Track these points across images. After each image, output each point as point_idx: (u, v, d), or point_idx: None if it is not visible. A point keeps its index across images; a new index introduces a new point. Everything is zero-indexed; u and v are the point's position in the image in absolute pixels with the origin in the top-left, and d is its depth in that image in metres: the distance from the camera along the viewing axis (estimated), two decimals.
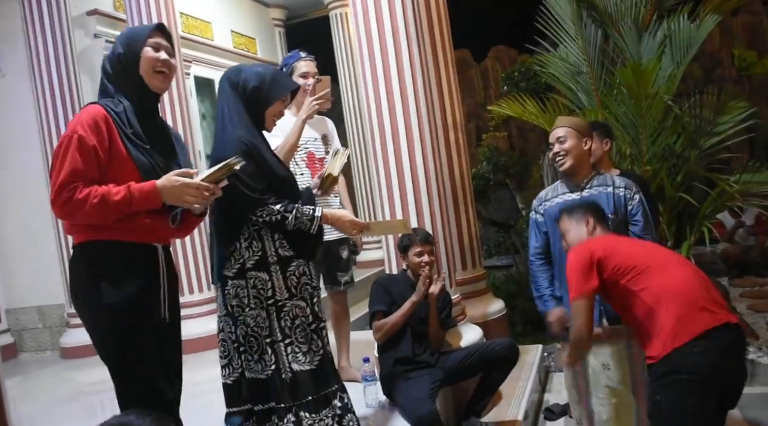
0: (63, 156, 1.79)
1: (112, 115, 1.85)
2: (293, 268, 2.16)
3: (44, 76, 4.80)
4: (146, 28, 1.98)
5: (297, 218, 2.13)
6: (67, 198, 1.75)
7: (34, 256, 5.04)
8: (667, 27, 4.13)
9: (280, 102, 2.26)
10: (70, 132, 1.80)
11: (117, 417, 1.33)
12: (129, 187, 1.80)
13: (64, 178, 1.76)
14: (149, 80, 1.93)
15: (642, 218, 2.68)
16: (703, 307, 2.12)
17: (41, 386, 4.15)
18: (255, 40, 7.21)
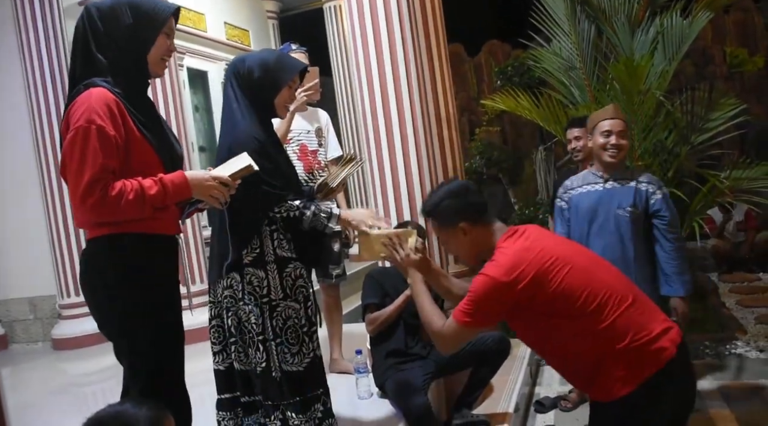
0: (83, 149, 1.63)
1: (118, 96, 1.72)
2: (290, 269, 2.14)
3: (35, 66, 4.77)
4: (166, 11, 1.81)
5: (315, 215, 2.10)
6: (99, 197, 1.62)
7: (26, 247, 5.02)
8: (660, 23, 4.15)
9: (288, 88, 2.18)
10: (86, 122, 1.64)
11: (112, 406, 1.32)
12: (162, 180, 1.71)
13: (92, 176, 1.62)
14: (153, 67, 1.83)
15: (667, 213, 2.76)
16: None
17: (32, 377, 4.15)
18: (248, 32, 7.18)
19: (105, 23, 1.76)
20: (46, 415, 3.21)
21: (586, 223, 2.83)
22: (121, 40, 1.76)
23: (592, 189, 2.86)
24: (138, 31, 1.77)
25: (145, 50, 1.79)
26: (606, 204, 2.80)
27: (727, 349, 4.54)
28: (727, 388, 3.86)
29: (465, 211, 1.89)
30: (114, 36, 1.76)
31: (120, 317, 1.76)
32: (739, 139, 7.49)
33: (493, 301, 1.75)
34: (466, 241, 1.90)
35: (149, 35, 1.79)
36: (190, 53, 6.15)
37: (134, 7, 1.77)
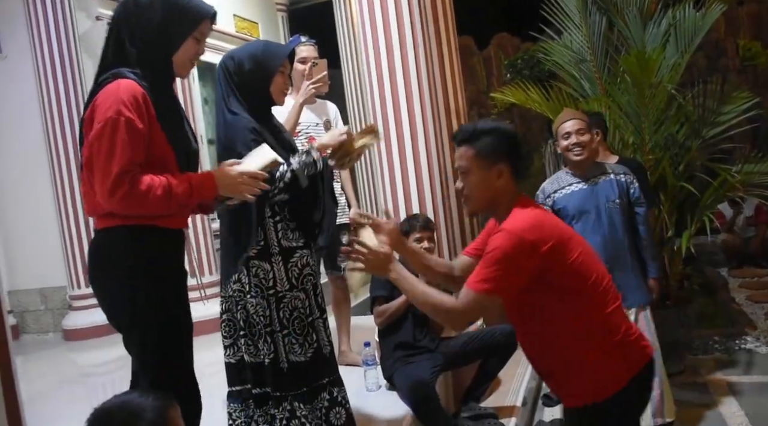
0: (111, 141, 1.63)
1: (145, 89, 1.71)
2: (296, 259, 2.15)
3: (46, 57, 4.79)
4: (199, 16, 1.78)
5: (300, 164, 2.08)
6: (127, 191, 1.62)
7: (37, 238, 5.06)
8: (672, 16, 4.11)
9: (280, 74, 2.19)
10: (115, 113, 1.63)
11: (118, 396, 1.33)
12: (190, 179, 1.72)
13: (121, 168, 1.62)
14: (178, 68, 1.81)
15: (645, 200, 2.95)
16: None
17: (43, 367, 4.19)
18: (257, 25, 7.17)
19: (138, 16, 1.75)
20: (56, 404, 3.24)
21: (579, 222, 2.90)
22: (149, 35, 1.75)
23: (576, 189, 2.93)
24: (166, 30, 1.75)
25: (170, 50, 1.78)
26: (594, 200, 2.88)
27: (736, 345, 4.51)
28: (737, 384, 3.84)
29: (513, 154, 1.75)
30: (144, 29, 1.75)
31: (130, 308, 1.76)
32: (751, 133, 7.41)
33: (516, 262, 1.60)
34: (493, 184, 1.73)
35: (177, 37, 1.77)
36: None
37: (169, 5, 1.75)
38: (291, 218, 2.15)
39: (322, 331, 2.22)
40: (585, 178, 2.93)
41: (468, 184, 1.77)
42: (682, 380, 3.95)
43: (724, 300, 5.69)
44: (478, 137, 1.74)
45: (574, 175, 2.96)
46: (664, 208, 3.98)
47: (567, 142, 2.90)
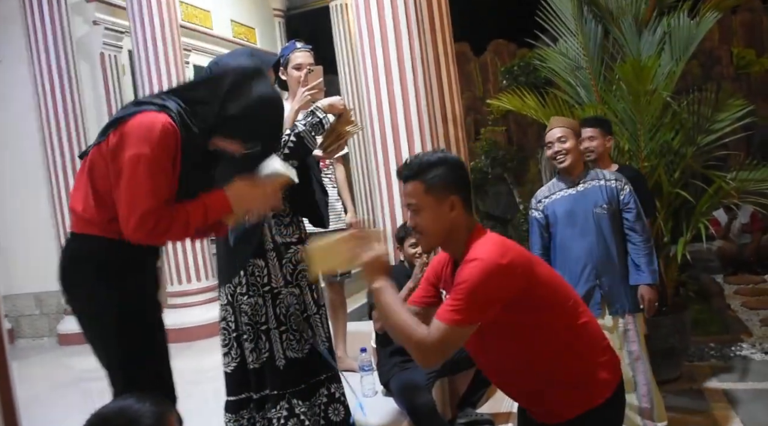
0: (141, 178, 1.64)
1: (180, 129, 1.71)
2: (290, 254, 2.18)
3: (43, 62, 4.79)
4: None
5: (305, 126, 2.18)
6: (151, 228, 1.66)
7: (32, 242, 5.04)
8: (667, 24, 4.14)
9: None
10: (148, 148, 1.64)
11: (115, 402, 1.33)
12: (204, 203, 1.74)
13: (149, 208, 1.65)
14: (212, 144, 1.81)
15: (634, 206, 2.93)
16: None
17: (38, 372, 4.17)
18: (254, 30, 7.19)
19: (227, 83, 1.75)
20: (51, 409, 3.23)
21: (567, 227, 2.93)
22: (214, 105, 1.75)
23: (565, 194, 2.97)
24: (253, 130, 1.76)
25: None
26: (582, 205, 2.91)
27: (732, 351, 4.53)
28: (732, 390, 3.85)
29: (461, 186, 1.71)
30: (215, 95, 1.75)
31: (95, 318, 1.78)
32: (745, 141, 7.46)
33: (491, 289, 1.55)
34: (447, 217, 1.67)
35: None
36: (196, 50, 6.16)
37: (272, 127, 1.82)
38: (295, 211, 2.18)
39: (320, 326, 2.23)
40: (574, 183, 2.97)
41: (421, 220, 1.70)
42: (677, 387, 3.96)
43: (719, 307, 5.71)
44: (427, 171, 1.67)
45: (564, 181, 3.00)
46: (660, 215, 4.00)
47: (550, 151, 2.97)
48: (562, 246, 2.96)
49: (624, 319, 2.91)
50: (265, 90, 1.75)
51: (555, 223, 2.98)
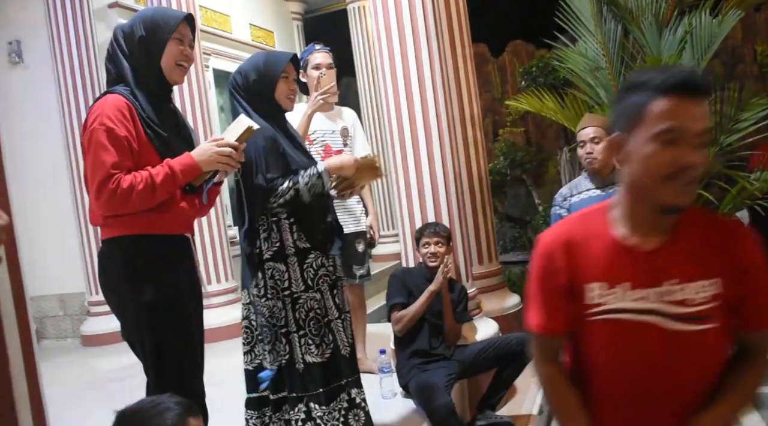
0: (95, 150, 1.75)
1: (133, 102, 1.82)
2: (311, 260, 2.18)
3: (66, 67, 4.87)
4: (174, 19, 1.90)
5: (306, 183, 2.13)
6: (111, 192, 1.72)
7: (56, 244, 5.12)
8: (688, 23, 4.08)
9: (284, 80, 2.24)
10: (97, 124, 1.76)
11: (147, 400, 1.37)
12: (168, 165, 1.79)
13: (105, 172, 1.72)
14: (168, 73, 1.91)
15: None
16: None
17: (63, 373, 4.23)
18: (273, 34, 7.24)
19: (125, 39, 1.90)
20: (77, 409, 3.27)
21: None
22: (136, 51, 1.88)
23: (592, 194, 2.91)
24: (149, 40, 1.88)
25: (156, 57, 1.88)
26: None
27: None
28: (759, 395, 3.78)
29: None
30: (131, 49, 1.89)
31: (128, 318, 1.86)
32: None
33: None
34: None
35: (159, 43, 1.88)
36: (216, 54, 6.22)
37: (146, 20, 1.90)
38: (301, 228, 2.19)
39: (342, 331, 2.23)
40: (603, 184, 2.90)
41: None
42: None
43: None
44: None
45: (592, 181, 2.94)
46: None
47: (582, 150, 2.91)
48: None
49: None
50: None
51: None
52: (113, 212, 1.78)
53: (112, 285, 1.87)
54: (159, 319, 1.81)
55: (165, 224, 1.85)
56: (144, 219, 1.80)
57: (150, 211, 1.80)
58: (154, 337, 1.82)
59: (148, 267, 1.82)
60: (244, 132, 1.90)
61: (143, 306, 1.80)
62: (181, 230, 1.93)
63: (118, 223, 1.81)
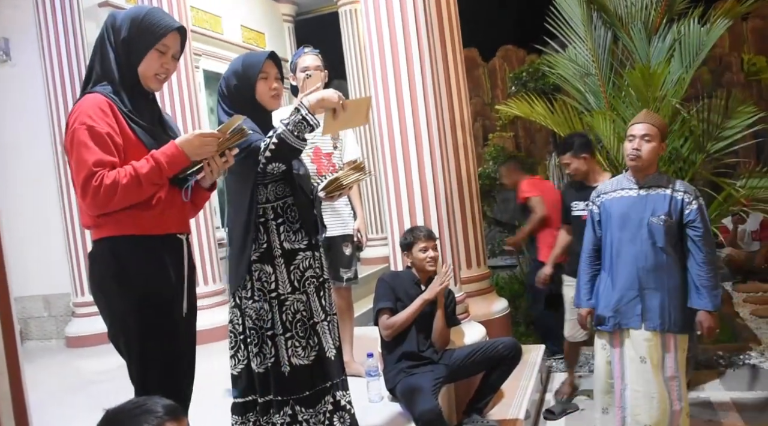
0: (77, 150, 1.73)
1: (113, 100, 1.79)
2: (298, 261, 2.18)
3: (55, 66, 4.83)
4: (162, 29, 1.85)
5: (287, 125, 2.08)
6: (96, 188, 1.69)
7: (42, 244, 5.07)
8: (677, 30, 4.12)
9: (263, 79, 2.22)
10: (78, 124, 1.74)
11: (133, 400, 1.36)
12: (153, 156, 1.75)
13: (88, 170, 1.70)
14: (144, 80, 1.87)
15: (701, 224, 2.71)
16: None
17: (46, 375, 4.19)
18: (264, 35, 7.23)
19: (112, 35, 1.86)
20: (60, 412, 3.24)
21: (618, 229, 2.79)
22: (119, 49, 1.85)
23: (625, 194, 2.81)
24: (131, 44, 1.84)
25: (135, 63, 1.85)
26: (640, 211, 2.74)
27: (740, 360, 4.50)
28: (741, 399, 3.83)
29: None
30: (114, 47, 1.85)
31: (114, 319, 1.83)
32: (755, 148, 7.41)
33: None
34: None
35: (139, 50, 1.84)
36: (207, 55, 6.20)
37: (135, 21, 1.85)
38: (296, 219, 2.18)
39: (327, 333, 2.22)
40: (639, 185, 2.78)
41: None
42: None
43: (728, 315, 5.67)
44: None
45: (630, 181, 2.82)
46: None
47: (630, 144, 2.75)
48: (611, 249, 2.81)
49: (663, 335, 2.72)
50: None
51: (607, 222, 2.84)
52: (100, 210, 1.75)
53: (100, 285, 1.84)
54: (146, 320, 1.79)
55: (155, 223, 1.82)
56: (134, 218, 1.78)
57: (138, 210, 1.77)
58: (139, 339, 1.80)
59: (137, 267, 1.79)
60: (231, 122, 1.85)
61: (130, 306, 1.78)
62: (172, 229, 1.89)
63: (107, 222, 1.78)
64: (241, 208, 2.17)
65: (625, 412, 2.77)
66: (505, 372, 3.11)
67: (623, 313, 2.75)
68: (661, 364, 2.73)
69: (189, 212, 1.97)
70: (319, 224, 2.30)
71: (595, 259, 2.93)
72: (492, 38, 10.48)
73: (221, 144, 1.85)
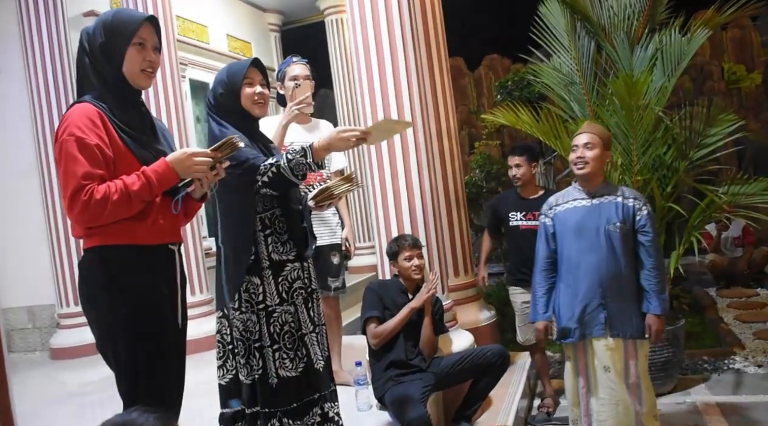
0: (66, 162, 1.71)
1: (103, 109, 1.78)
2: (286, 272, 2.17)
3: (39, 76, 4.80)
4: (133, 23, 1.82)
5: (290, 160, 2.07)
6: (84, 203, 1.67)
7: (26, 255, 5.02)
8: (659, 40, 4.19)
9: (247, 85, 2.22)
10: (66, 135, 1.72)
11: (120, 415, 1.33)
12: (144, 173, 1.73)
13: (77, 184, 1.68)
14: (133, 79, 1.85)
15: (651, 230, 2.80)
16: None
17: (31, 387, 4.13)
18: (250, 45, 7.23)
19: (89, 44, 1.84)
20: (45, 424, 3.20)
21: (575, 239, 2.82)
22: (98, 58, 1.83)
23: (578, 204, 2.85)
24: (109, 47, 1.82)
25: (118, 64, 1.83)
26: (594, 219, 2.79)
27: (725, 364, 4.54)
28: (726, 403, 3.86)
29: None
30: (93, 55, 1.83)
31: (103, 329, 1.81)
32: (736, 155, 7.53)
33: None
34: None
35: (118, 50, 1.82)
36: (193, 65, 6.19)
37: (106, 24, 1.83)
38: (284, 230, 2.17)
39: (316, 344, 2.21)
40: (590, 195, 2.84)
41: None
42: (671, 399, 3.97)
43: (712, 320, 5.73)
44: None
45: (580, 191, 2.87)
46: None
47: (574, 154, 2.82)
48: (569, 260, 2.84)
49: (625, 342, 2.78)
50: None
51: (562, 233, 2.86)
52: (88, 224, 1.74)
53: (90, 295, 1.82)
54: (136, 332, 1.77)
55: (147, 233, 1.81)
56: (125, 228, 1.76)
57: (131, 219, 1.76)
58: (128, 351, 1.77)
59: (127, 277, 1.78)
60: (224, 143, 1.84)
61: (120, 317, 1.76)
62: (165, 240, 1.88)
63: (98, 232, 1.77)
64: (242, 220, 2.15)
65: (591, 419, 2.79)
66: (493, 379, 3.12)
67: (587, 323, 2.78)
68: (625, 371, 2.77)
69: (180, 221, 1.96)
70: (309, 236, 2.29)
71: (550, 272, 2.92)
72: (477, 48, 10.57)
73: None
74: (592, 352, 2.78)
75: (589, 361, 2.79)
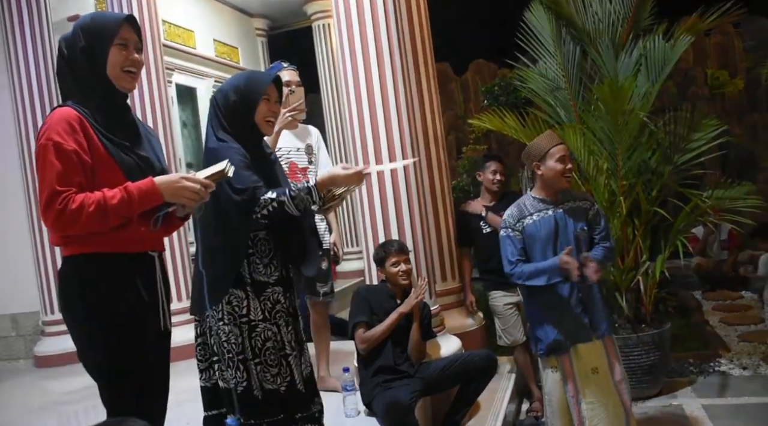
0: (43, 167, 1.68)
1: (84, 114, 1.74)
2: (268, 293, 2.12)
3: (23, 80, 4.76)
4: (113, 24, 1.80)
5: (293, 197, 2.02)
6: (59, 211, 1.64)
7: (9, 262, 4.97)
8: (643, 46, 4.23)
9: (265, 102, 2.16)
10: (45, 140, 1.68)
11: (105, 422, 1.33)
12: (126, 189, 1.68)
13: (51, 190, 1.64)
14: (116, 81, 1.81)
15: (606, 224, 2.95)
16: None
17: (14, 396, 4.09)
18: (237, 50, 7.21)
19: (68, 50, 1.82)
20: None
21: (550, 250, 2.80)
22: (80, 63, 1.80)
23: (545, 215, 2.83)
24: (90, 50, 1.79)
25: (101, 67, 1.80)
26: (564, 227, 2.82)
27: (710, 367, 4.57)
28: (711, 406, 3.89)
29: None
30: (75, 60, 1.80)
31: (82, 338, 1.79)
32: (720, 160, 7.60)
33: None
34: None
35: (100, 51, 1.79)
36: (179, 70, 6.16)
37: (85, 28, 1.81)
38: (275, 246, 2.14)
39: (300, 366, 2.16)
40: (555, 204, 2.84)
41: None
42: (657, 402, 3.99)
43: (698, 322, 5.78)
44: None
45: (542, 201, 2.85)
46: (639, 232, 4.06)
47: (562, 165, 2.78)
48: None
49: (604, 341, 2.82)
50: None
51: (533, 244, 2.82)
52: (61, 232, 1.71)
53: (68, 304, 1.79)
54: (115, 341, 1.74)
55: (126, 242, 1.77)
56: (104, 236, 1.72)
57: (110, 228, 1.72)
58: (109, 360, 1.75)
59: (106, 286, 1.75)
60: (217, 172, 1.79)
61: (99, 326, 1.74)
62: (145, 247, 1.85)
63: (76, 240, 1.74)
64: (237, 235, 2.08)
65: (583, 424, 2.80)
66: (481, 384, 3.12)
67: (575, 331, 2.79)
68: (610, 369, 2.81)
69: (161, 232, 1.91)
70: (308, 244, 2.21)
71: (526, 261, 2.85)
72: (464, 53, 10.62)
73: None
74: (578, 356, 2.79)
75: (575, 367, 2.79)
